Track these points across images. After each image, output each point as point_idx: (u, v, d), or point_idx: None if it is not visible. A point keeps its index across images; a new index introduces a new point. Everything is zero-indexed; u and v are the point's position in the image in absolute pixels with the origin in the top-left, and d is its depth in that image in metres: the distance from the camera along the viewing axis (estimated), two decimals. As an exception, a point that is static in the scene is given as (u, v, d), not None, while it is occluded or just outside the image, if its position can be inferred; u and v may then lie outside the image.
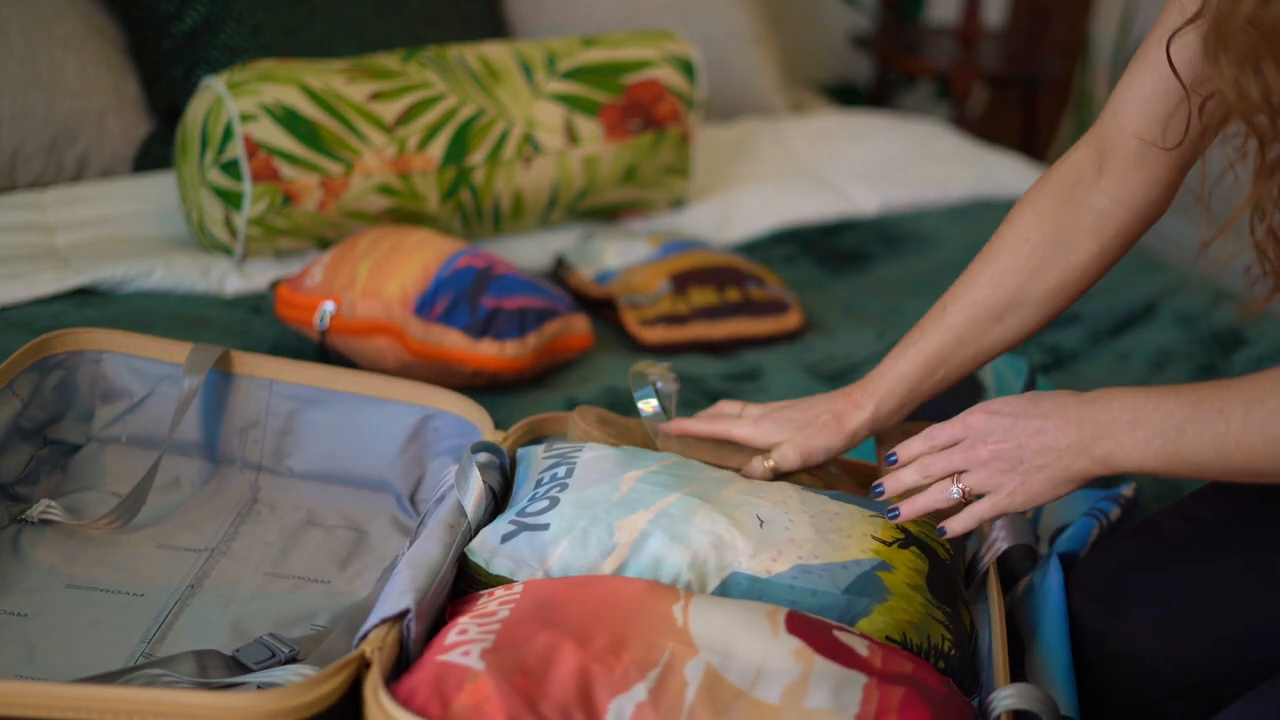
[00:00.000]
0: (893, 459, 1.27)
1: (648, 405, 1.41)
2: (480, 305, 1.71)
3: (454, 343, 1.70)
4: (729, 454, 1.38)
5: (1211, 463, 1.09)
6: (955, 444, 1.22)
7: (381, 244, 1.80)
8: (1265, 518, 1.25)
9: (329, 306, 1.72)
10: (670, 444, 1.38)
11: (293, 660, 1.16)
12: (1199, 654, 1.21)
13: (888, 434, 1.40)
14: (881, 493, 1.26)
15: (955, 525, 1.23)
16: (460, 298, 1.72)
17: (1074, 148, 1.34)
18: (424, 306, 1.71)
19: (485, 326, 1.70)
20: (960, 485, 1.21)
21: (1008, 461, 1.18)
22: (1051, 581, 1.28)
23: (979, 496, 1.21)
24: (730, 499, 1.23)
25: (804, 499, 1.26)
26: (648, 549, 1.17)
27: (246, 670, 1.14)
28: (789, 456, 1.36)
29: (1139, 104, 1.26)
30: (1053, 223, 1.32)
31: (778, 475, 1.36)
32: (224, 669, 1.13)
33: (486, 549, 1.19)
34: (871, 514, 1.25)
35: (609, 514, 1.20)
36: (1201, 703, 1.17)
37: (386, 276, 1.74)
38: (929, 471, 1.23)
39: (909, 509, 1.24)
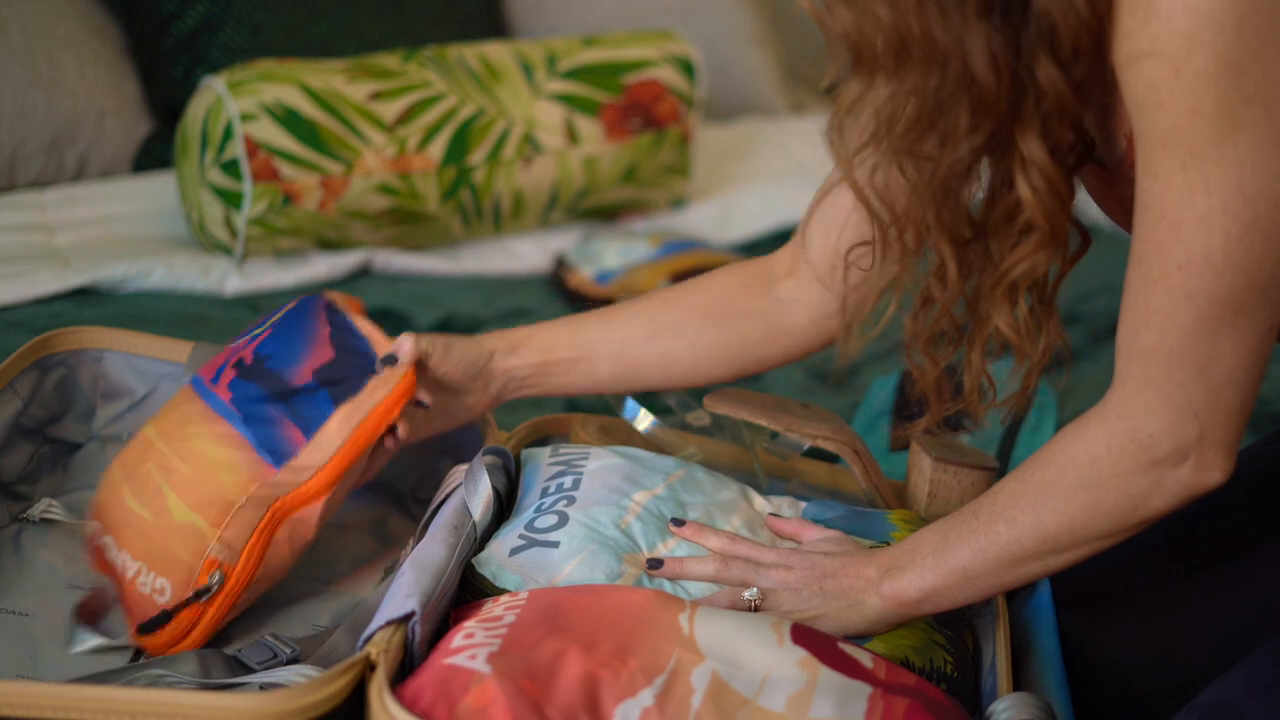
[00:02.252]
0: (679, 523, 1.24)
1: (639, 422, 1.40)
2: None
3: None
4: (779, 415, 1.37)
5: (974, 563, 1.10)
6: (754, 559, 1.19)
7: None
8: (1228, 512, 1.26)
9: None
10: (718, 405, 1.37)
11: (294, 661, 1.16)
12: (1182, 653, 1.22)
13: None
14: (658, 568, 1.20)
15: (709, 597, 1.18)
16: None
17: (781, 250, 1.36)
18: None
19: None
20: (757, 591, 1.17)
21: (810, 588, 1.17)
22: (1041, 596, 1.29)
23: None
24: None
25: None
26: (653, 585, 1.18)
27: (249, 670, 1.14)
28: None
29: (829, 235, 1.28)
30: (733, 289, 1.35)
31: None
32: (226, 669, 1.13)
33: (494, 561, 1.19)
34: (871, 544, 1.24)
35: (617, 544, 1.20)
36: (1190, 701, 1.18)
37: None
38: (725, 575, 1.18)
39: (703, 596, 1.18)
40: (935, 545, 1.13)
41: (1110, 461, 1.04)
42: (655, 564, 1.19)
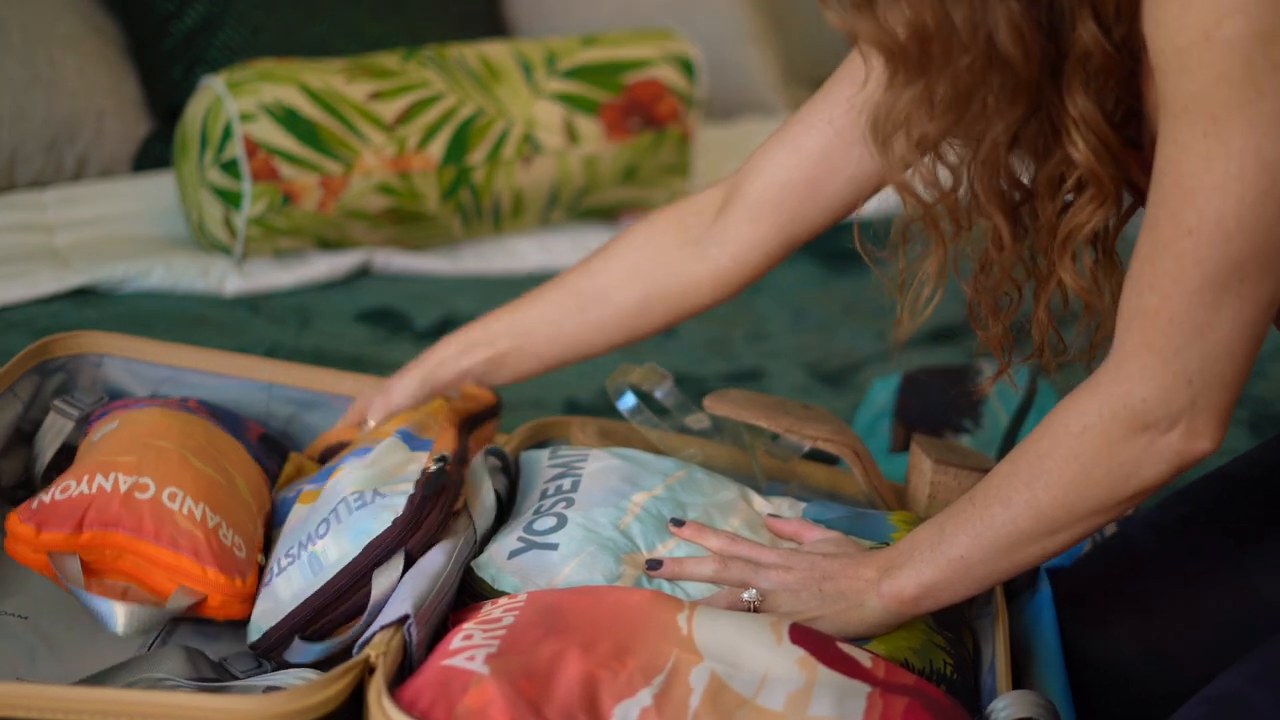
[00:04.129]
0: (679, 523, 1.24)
1: (634, 416, 1.40)
2: None
3: None
4: (780, 417, 1.37)
5: (971, 550, 1.11)
6: (752, 559, 1.19)
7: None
8: (1227, 515, 1.27)
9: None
10: (718, 406, 1.37)
11: (280, 669, 1.16)
12: (1182, 657, 1.23)
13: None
14: (658, 568, 1.19)
15: (706, 597, 1.17)
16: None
17: (707, 189, 1.40)
18: None
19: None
20: (757, 593, 1.17)
21: (809, 590, 1.16)
22: (1042, 598, 1.29)
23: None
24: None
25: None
26: (652, 586, 1.18)
27: (233, 678, 1.13)
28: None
29: (779, 169, 1.33)
30: (657, 239, 1.38)
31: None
32: (210, 667, 1.13)
33: (493, 564, 1.19)
34: (871, 545, 1.24)
35: (616, 545, 1.20)
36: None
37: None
38: (724, 576, 1.19)
39: (702, 597, 1.18)
40: (932, 538, 1.13)
41: (1102, 429, 1.04)
42: (654, 565, 1.19)
